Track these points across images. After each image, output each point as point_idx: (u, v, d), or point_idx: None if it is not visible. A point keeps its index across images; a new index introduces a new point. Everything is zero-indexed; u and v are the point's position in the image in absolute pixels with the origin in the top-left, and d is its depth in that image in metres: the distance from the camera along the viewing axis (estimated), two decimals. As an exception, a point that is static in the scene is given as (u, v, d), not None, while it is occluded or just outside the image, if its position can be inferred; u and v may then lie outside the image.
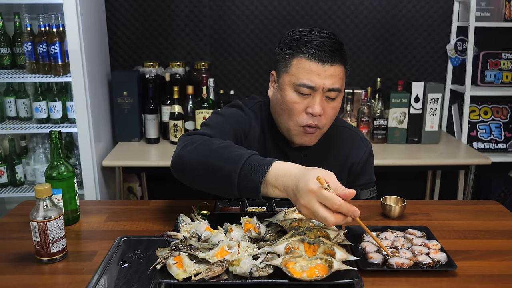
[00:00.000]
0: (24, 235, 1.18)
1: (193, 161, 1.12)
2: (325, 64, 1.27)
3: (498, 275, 1.03)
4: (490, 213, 1.37)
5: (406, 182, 3.08)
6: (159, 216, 1.32)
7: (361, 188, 1.53)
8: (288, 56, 1.32)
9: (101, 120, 2.51)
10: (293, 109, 1.32)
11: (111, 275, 1.01)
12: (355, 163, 1.51)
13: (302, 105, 1.31)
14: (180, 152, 1.16)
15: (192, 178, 1.15)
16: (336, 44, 1.29)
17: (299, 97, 1.31)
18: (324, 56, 1.27)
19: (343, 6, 2.82)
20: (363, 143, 1.54)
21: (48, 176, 1.21)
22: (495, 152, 2.82)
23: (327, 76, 1.28)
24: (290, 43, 1.32)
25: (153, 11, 2.79)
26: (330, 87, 1.29)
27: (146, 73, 2.67)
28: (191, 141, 1.18)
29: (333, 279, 0.91)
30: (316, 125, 1.33)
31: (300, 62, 1.29)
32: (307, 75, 1.28)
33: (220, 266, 0.91)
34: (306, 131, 1.34)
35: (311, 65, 1.28)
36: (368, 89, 2.74)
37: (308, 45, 1.28)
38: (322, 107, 1.31)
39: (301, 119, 1.33)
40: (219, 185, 1.08)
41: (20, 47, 2.42)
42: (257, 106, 1.49)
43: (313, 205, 0.93)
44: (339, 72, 1.30)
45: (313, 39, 1.28)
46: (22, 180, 2.56)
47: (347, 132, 1.54)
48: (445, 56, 2.91)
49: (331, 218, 0.92)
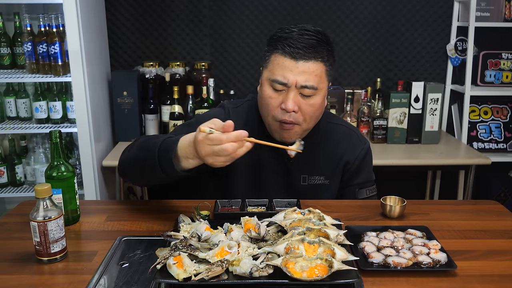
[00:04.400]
0: (24, 235, 1.18)
1: (128, 163, 1.32)
2: (298, 61, 1.28)
3: (498, 275, 1.03)
4: (490, 213, 1.37)
5: (406, 182, 3.08)
6: (159, 216, 1.32)
7: (359, 187, 1.52)
8: (267, 53, 1.36)
9: (101, 120, 2.51)
10: (269, 104, 1.34)
11: (111, 275, 1.01)
12: (350, 162, 1.50)
13: (277, 100, 1.33)
14: (119, 160, 1.36)
15: (134, 177, 1.33)
16: (314, 41, 1.29)
17: (274, 92, 1.33)
18: (297, 52, 1.28)
19: (343, 6, 2.82)
20: (360, 141, 1.53)
21: (48, 176, 1.21)
22: (495, 152, 2.82)
23: (299, 72, 1.29)
24: (271, 40, 1.35)
25: (153, 11, 2.79)
26: (302, 84, 1.29)
27: (146, 73, 2.67)
28: (129, 146, 1.36)
29: (333, 279, 0.91)
30: (291, 121, 1.33)
31: (276, 58, 1.31)
32: (281, 71, 1.30)
33: (220, 266, 0.91)
34: (282, 126, 1.35)
35: (285, 61, 1.29)
36: (368, 89, 2.74)
37: (285, 42, 1.29)
38: (297, 104, 1.31)
39: (276, 114, 1.34)
40: (151, 174, 1.22)
41: (20, 47, 2.42)
42: (245, 105, 1.51)
43: (208, 149, 1.06)
44: (315, 69, 1.30)
45: (290, 36, 1.30)
46: (22, 180, 2.56)
47: (344, 129, 1.53)
48: (445, 56, 2.91)
49: (227, 145, 1.04)
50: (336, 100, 2.69)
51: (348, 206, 1.41)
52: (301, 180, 1.48)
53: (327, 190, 1.50)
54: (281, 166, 1.47)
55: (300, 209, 1.17)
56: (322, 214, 1.12)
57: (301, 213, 1.14)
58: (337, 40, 2.87)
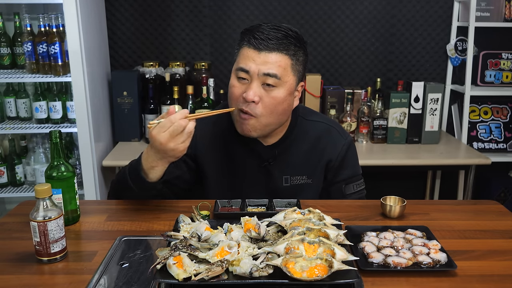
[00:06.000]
0: (24, 235, 1.18)
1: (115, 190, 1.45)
2: (261, 51, 1.31)
3: (498, 275, 1.03)
4: (490, 213, 1.37)
5: (406, 182, 3.08)
6: (159, 216, 1.32)
7: (345, 183, 1.50)
8: (237, 48, 1.39)
9: (101, 120, 2.51)
10: (232, 93, 1.36)
11: (111, 275, 1.01)
12: (332, 159, 1.48)
13: (240, 89, 1.34)
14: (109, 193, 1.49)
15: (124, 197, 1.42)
16: (281, 35, 1.31)
17: (238, 82, 1.35)
18: (260, 43, 1.30)
19: (343, 6, 2.82)
20: (341, 136, 1.50)
21: (48, 176, 1.21)
22: (495, 152, 2.82)
23: (262, 61, 1.30)
24: (240, 35, 1.38)
25: (153, 11, 2.79)
26: (265, 71, 1.30)
27: (146, 73, 2.67)
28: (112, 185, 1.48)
29: (333, 279, 0.91)
30: (247, 111, 1.33)
31: (242, 51, 1.35)
32: (244, 60, 1.33)
33: (220, 266, 0.91)
34: (240, 117, 1.35)
35: (249, 52, 1.32)
36: (368, 89, 2.74)
37: (251, 35, 1.32)
38: (259, 95, 1.32)
39: (238, 103, 1.35)
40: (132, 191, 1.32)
41: (20, 47, 2.42)
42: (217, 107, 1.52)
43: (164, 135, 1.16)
44: (278, 60, 1.31)
45: (257, 29, 1.32)
46: (22, 180, 2.56)
47: (323, 126, 1.51)
48: (445, 56, 2.91)
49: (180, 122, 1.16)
50: (336, 100, 2.69)
51: (348, 206, 1.41)
52: (283, 181, 1.47)
53: (310, 189, 1.49)
54: (261, 169, 1.46)
55: (300, 209, 1.17)
56: (322, 214, 1.12)
57: (301, 213, 1.14)
58: (337, 40, 2.87)
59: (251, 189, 1.46)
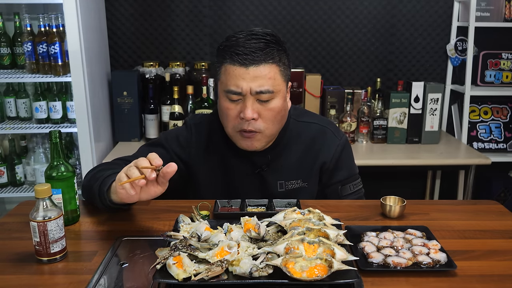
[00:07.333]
0: (24, 235, 1.18)
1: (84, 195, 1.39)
2: (248, 67, 1.25)
3: (498, 275, 1.03)
4: (490, 213, 1.37)
5: (406, 182, 3.08)
6: (159, 216, 1.32)
7: (342, 184, 1.48)
8: (217, 65, 1.33)
9: (101, 120, 2.51)
10: (228, 116, 1.32)
11: (111, 275, 1.01)
12: (327, 161, 1.45)
13: (235, 110, 1.30)
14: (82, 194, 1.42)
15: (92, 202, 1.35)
16: (262, 44, 1.26)
17: (231, 103, 1.30)
18: (245, 58, 1.25)
19: (343, 6, 2.82)
20: (335, 136, 1.47)
21: (48, 176, 1.21)
22: (495, 152, 2.82)
23: (252, 78, 1.25)
24: (218, 51, 1.33)
25: (153, 11, 2.80)
26: (257, 89, 1.26)
27: (146, 73, 2.67)
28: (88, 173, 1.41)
29: (333, 279, 0.91)
30: (251, 129, 1.30)
31: (226, 69, 1.29)
32: (233, 81, 1.27)
33: (220, 266, 0.91)
34: (243, 135, 1.32)
35: (235, 70, 1.26)
36: (368, 89, 2.74)
37: (231, 50, 1.26)
38: (256, 111, 1.28)
39: (236, 124, 1.31)
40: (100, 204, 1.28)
41: (20, 47, 2.42)
42: (207, 118, 1.49)
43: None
44: (267, 72, 1.26)
45: (237, 43, 1.26)
46: (22, 180, 2.56)
47: (316, 127, 1.47)
48: (445, 56, 2.91)
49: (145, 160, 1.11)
50: (336, 100, 2.69)
51: (348, 206, 1.41)
52: (278, 186, 1.45)
53: (306, 192, 1.47)
54: (255, 175, 1.45)
55: (300, 209, 1.17)
56: (322, 214, 1.12)
57: (301, 213, 1.14)
58: (337, 40, 2.87)
59: (245, 196, 1.42)
